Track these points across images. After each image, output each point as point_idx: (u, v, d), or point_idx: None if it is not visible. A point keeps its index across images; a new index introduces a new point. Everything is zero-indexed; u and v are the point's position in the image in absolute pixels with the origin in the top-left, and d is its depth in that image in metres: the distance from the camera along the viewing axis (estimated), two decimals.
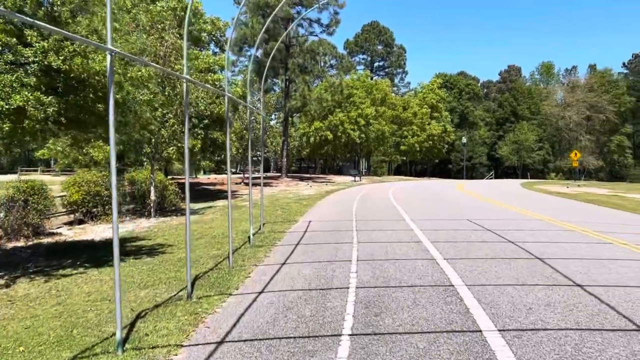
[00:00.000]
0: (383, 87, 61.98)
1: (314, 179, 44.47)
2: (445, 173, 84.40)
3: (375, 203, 20.50)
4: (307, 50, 38.46)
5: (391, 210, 17.18)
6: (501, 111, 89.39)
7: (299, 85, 38.44)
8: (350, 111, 53.00)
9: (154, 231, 13.64)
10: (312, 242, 10.80)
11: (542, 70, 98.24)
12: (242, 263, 8.75)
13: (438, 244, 10.15)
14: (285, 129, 42.23)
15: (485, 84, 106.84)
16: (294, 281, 7.36)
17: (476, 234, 11.50)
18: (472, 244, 10.25)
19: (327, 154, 59.03)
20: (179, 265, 8.80)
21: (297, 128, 57.09)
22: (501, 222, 13.65)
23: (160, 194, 19.51)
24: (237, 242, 10.96)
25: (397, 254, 9.19)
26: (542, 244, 10.17)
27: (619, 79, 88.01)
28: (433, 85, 76.64)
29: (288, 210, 17.83)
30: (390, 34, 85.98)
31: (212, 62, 22.33)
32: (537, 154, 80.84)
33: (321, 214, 16.40)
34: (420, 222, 13.72)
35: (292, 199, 23.05)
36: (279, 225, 13.62)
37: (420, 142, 68.70)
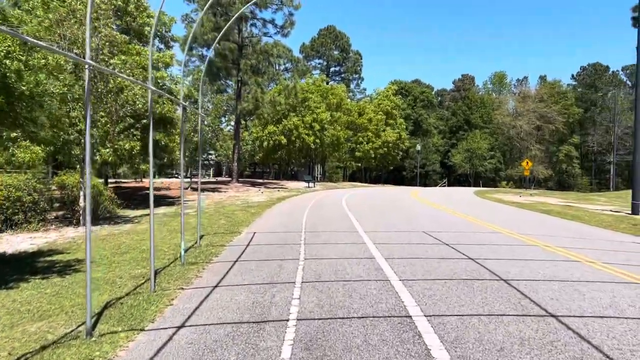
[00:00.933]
0: (339, 92, 61.32)
1: (267, 185, 43.15)
2: (399, 180, 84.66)
3: (328, 212, 19.47)
4: (261, 51, 37.16)
5: (344, 220, 16.17)
6: (454, 119, 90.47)
7: (252, 87, 37.03)
8: (305, 115, 51.97)
9: (78, 243, 12.12)
10: (253, 258, 9.61)
11: (494, 80, 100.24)
12: (167, 285, 7.47)
13: (393, 261, 9.16)
14: (236, 132, 40.70)
15: (440, 92, 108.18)
16: (224, 311, 6.17)
17: (433, 249, 10.58)
18: (429, 261, 9.30)
19: (281, 159, 57.79)
20: (93, 287, 7.44)
21: (250, 132, 55.65)
22: (459, 235, 12.83)
23: (94, 200, 17.84)
24: (168, 257, 9.65)
25: (348, 274, 8.13)
26: (505, 261, 9.33)
27: (568, 91, 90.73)
28: (388, 92, 76.70)
29: (233, 219, 16.54)
30: (346, 39, 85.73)
31: (155, 59, 20.87)
32: (489, 162, 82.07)
33: (268, 224, 15.20)
34: (374, 234, 12.74)
35: (239, 207, 21.73)
36: (219, 237, 12.34)
37: (375, 149, 68.48)
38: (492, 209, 23.01)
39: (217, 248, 10.68)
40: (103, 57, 14.72)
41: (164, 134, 20.95)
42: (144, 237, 12.51)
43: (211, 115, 31.50)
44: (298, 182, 53.52)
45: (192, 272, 8.39)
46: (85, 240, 10.05)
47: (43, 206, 15.09)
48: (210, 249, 10.57)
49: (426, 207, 23.06)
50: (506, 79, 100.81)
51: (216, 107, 31.97)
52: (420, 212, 20.06)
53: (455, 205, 24.44)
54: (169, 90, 20.93)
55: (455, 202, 27.35)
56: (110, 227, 15.00)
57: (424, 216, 18.09)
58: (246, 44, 38.47)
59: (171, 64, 21.38)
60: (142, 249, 10.75)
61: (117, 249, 10.90)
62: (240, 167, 59.91)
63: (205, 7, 11.13)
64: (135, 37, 22.17)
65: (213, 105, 32.15)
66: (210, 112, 31.64)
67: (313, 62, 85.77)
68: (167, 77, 21.07)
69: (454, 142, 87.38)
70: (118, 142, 17.96)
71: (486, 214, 19.74)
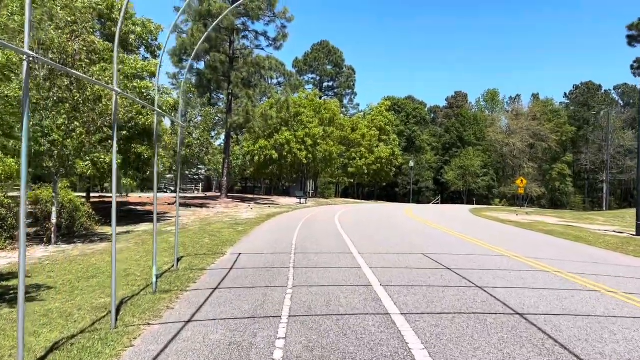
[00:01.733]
0: (332, 106, 60.52)
1: (257, 201, 42.03)
2: (392, 196, 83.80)
3: (320, 230, 18.42)
4: (252, 64, 36.26)
5: (337, 240, 15.13)
6: (448, 136, 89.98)
7: (242, 100, 36.11)
8: (297, 130, 51.03)
9: (44, 264, 10.99)
10: (235, 285, 8.55)
11: (487, 97, 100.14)
12: (131, 320, 6.40)
13: (392, 289, 8.15)
14: (226, 146, 39.64)
15: (433, 108, 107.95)
16: (194, 355, 5.12)
17: (436, 275, 9.57)
18: (433, 289, 8.30)
19: (272, 174, 56.71)
20: (44, 321, 6.37)
21: (241, 146, 54.58)
22: (461, 258, 11.83)
23: (69, 216, 16.72)
24: (139, 284, 8.56)
25: (342, 306, 7.10)
26: (517, 290, 8.34)
27: (561, 109, 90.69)
28: (381, 108, 76.07)
29: (218, 238, 15.43)
30: (340, 54, 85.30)
31: (140, 68, 19.92)
32: (482, 180, 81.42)
33: (256, 244, 14.12)
34: (369, 257, 11.72)
35: (226, 224, 20.62)
36: (200, 259, 11.25)
37: (368, 165, 67.61)
38: (491, 229, 22.07)
39: (196, 272, 9.60)
40: (80, 64, 13.71)
41: (147, 147, 19.90)
42: (118, 257, 11.40)
43: (200, 128, 30.49)
44: (290, 198, 52.45)
45: (164, 302, 7.32)
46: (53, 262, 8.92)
47: (11, 222, 13.96)
48: (188, 273, 9.49)
49: (422, 225, 22.08)
50: (499, 96, 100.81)
51: (205, 120, 30.94)
52: (417, 231, 19.07)
53: (452, 224, 23.48)
54: (153, 100, 19.89)
55: (451, 221, 26.40)
56: (83, 246, 13.88)
57: (421, 236, 17.09)
58: (237, 56, 37.62)
59: (156, 73, 20.37)
60: (110, 273, 9.65)
61: (84, 272, 9.79)
62: (231, 182, 58.81)
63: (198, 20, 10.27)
64: (120, 44, 21.21)
65: (202, 118, 31.14)
66: (199, 125, 30.63)
67: (306, 76, 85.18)
68: (153, 87, 20.07)
69: (447, 159, 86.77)
70: (97, 155, 16.93)
71: (485, 234, 18.78)
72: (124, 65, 19.29)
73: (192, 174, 61.12)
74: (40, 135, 13.26)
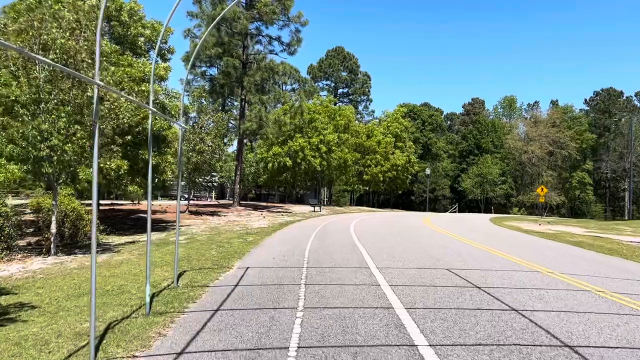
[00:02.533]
0: (347, 113, 59.54)
1: (270, 209, 41.13)
2: (407, 205, 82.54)
3: (335, 241, 17.43)
4: (266, 69, 35.48)
5: (353, 252, 14.13)
6: (465, 144, 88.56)
7: (255, 105, 35.33)
8: (311, 137, 50.12)
9: (36, 278, 10.17)
10: (239, 305, 7.62)
11: (504, 104, 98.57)
12: (115, 351, 5.50)
13: (417, 313, 7.16)
14: (239, 152, 38.86)
15: (449, 115, 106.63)
16: None
17: (465, 295, 8.55)
18: (463, 313, 7.29)
19: (286, 182, 55.81)
20: (13, 352, 5.50)
21: (255, 153, 53.77)
22: (490, 275, 10.77)
23: (72, 225, 15.96)
24: (132, 304, 7.67)
25: (361, 334, 6.13)
26: (559, 315, 7.30)
27: (581, 116, 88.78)
28: (397, 114, 74.91)
29: (226, 249, 14.52)
30: (355, 60, 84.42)
31: (148, 71, 19.20)
32: (500, 188, 79.84)
33: (265, 257, 13.17)
34: (388, 272, 10.72)
35: (236, 234, 19.73)
36: (204, 274, 10.33)
37: (384, 172, 66.41)
38: (516, 240, 20.90)
39: (197, 290, 8.68)
40: (82, 65, 12.96)
41: (155, 153, 19.12)
42: (116, 272, 10.55)
43: (211, 134, 29.72)
44: (303, 205, 51.50)
45: (156, 327, 6.41)
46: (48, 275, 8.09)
47: (9, 232, 13.20)
48: (188, 291, 8.57)
49: (443, 236, 20.98)
50: (516, 103, 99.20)
51: (217, 126, 30.16)
52: (437, 243, 17.98)
53: (474, 235, 22.33)
54: (162, 105, 19.17)
55: (473, 231, 25.22)
56: (83, 258, 13.06)
57: (443, 248, 16.01)
58: (250, 61, 36.89)
59: (166, 77, 19.68)
60: (106, 289, 8.78)
61: (76, 288, 8.93)
62: (244, 189, 58.10)
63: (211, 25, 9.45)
64: (129, 48, 20.56)
65: (214, 124, 30.37)
66: (210, 131, 29.87)
67: (321, 83, 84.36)
68: (162, 90, 19.34)
69: (464, 167, 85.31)
70: (101, 160, 16.18)
71: (511, 246, 17.64)
72: (132, 68, 18.57)
73: (205, 182, 60.54)
74: (39, 140, 12.50)
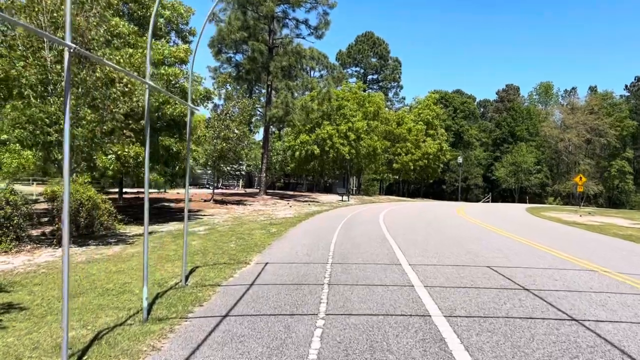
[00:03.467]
0: (376, 100, 57.98)
1: (297, 198, 40.20)
2: (438, 194, 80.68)
3: (363, 233, 16.33)
4: (292, 53, 34.33)
5: (382, 246, 13.02)
6: (498, 131, 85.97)
7: (282, 91, 34.26)
8: (340, 124, 48.86)
9: (38, 273, 9.39)
10: (251, 311, 6.62)
11: (540, 91, 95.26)
12: None
13: (458, 323, 6.05)
14: (265, 140, 37.93)
15: (482, 102, 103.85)
16: None
17: (512, 300, 7.38)
18: (513, 323, 6.14)
19: (314, 171, 54.77)
20: None
21: (283, 141, 52.83)
22: (538, 274, 9.54)
23: (88, 215, 15.25)
24: (130, 307, 6.75)
25: (393, 351, 5.08)
26: (632, 327, 6.10)
27: (621, 102, 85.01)
28: (429, 101, 72.81)
29: (246, 241, 13.56)
30: (385, 46, 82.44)
31: (168, 54, 18.36)
32: (535, 177, 77.23)
33: (287, 250, 12.17)
34: (422, 270, 9.59)
35: (259, 224, 18.80)
36: (217, 270, 9.38)
37: (415, 161, 64.69)
38: (558, 233, 19.45)
39: (207, 290, 7.72)
40: (92, 45, 12.11)
41: (175, 140, 18.29)
42: (123, 267, 9.69)
43: (236, 121, 28.83)
44: (332, 195, 50.42)
45: (151, 338, 5.46)
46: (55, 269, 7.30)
47: (17, 222, 12.51)
48: (196, 291, 7.62)
49: (479, 228, 19.67)
50: (553, 89, 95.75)
51: (242, 112, 29.25)
52: (474, 235, 16.70)
53: (512, 227, 20.92)
54: (183, 89, 18.30)
55: (510, 222, 23.77)
56: (94, 250, 12.29)
57: (481, 242, 14.75)
58: (277, 45, 35.77)
59: (186, 59, 18.78)
60: (106, 287, 7.91)
61: (75, 286, 8.08)
62: (271, 178, 57.31)
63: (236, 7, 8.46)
64: (147, 29, 19.73)
65: (239, 110, 29.46)
66: (235, 118, 28.98)
67: (350, 69, 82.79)
68: (183, 74, 18.47)
69: (498, 155, 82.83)
70: (118, 147, 15.41)
71: (554, 240, 16.25)
72: (152, 51, 17.74)
73: (233, 170, 60.07)
74: (47, 123, 11.73)
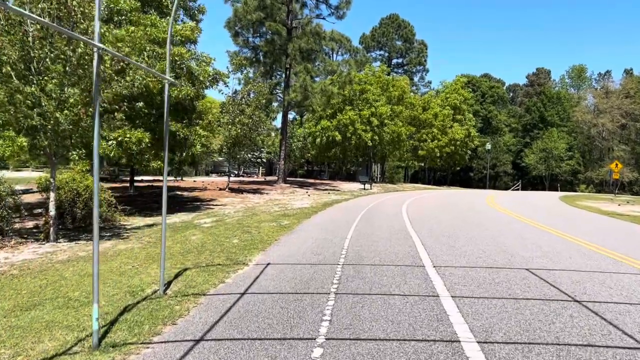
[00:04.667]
0: (401, 84, 55.88)
1: (317, 186, 38.81)
2: (465, 182, 78.40)
3: (382, 226, 14.84)
4: (312, 34, 32.73)
5: (404, 243, 11.52)
6: (528, 117, 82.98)
7: (301, 74, 32.76)
8: (362, 109, 47.14)
9: (7, 275, 8.24)
10: (234, 332, 5.25)
11: (572, 74, 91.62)
12: None
13: (496, 352, 4.61)
14: (283, 126, 36.53)
15: (512, 87, 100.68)
16: None
17: (562, 316, 5.88)
18: (568, 352, 4.67)
19: (336, 158, 53.20)
20: None
21: (303, 127, 51.31)
22: (588, 279, 7.97)
23: (85, 205, 14.18)
24: (89, 325, 5.47)
25: None
26: None
27: None
28: (457, 85, 70.19)
29: (252, 236, 12.21)
30: (410, 28, 79.95)
31: (173, 32, 17.05)
32: (566, 164, 74.29)
33: (295, 248, 10.78)
34: (450, 274, 8.12)
35: (272, 215, 17.47)
36: (209, 273, 8.06)
37: (441, 147, 62.41)
38: (599, 225, 17.67)
39: (187, 301, 6.40)
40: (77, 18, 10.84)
41: (182, 125, 17.06)
42: (102, 268, 8.44)
43: (252, 105, 27.52)
44: (354, 183, 48.89)
45: None
46: None
47: (2, 214, 11.46)
48: (175, 303, 6.31)
49: (512, 220, 17.99)
50: (586, 72, 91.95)
51: (258, 97, 27.86)
52: (507, 229, 15.05)
53: (548, 218, 19.16)
54: (189, 69, 17.01)
55: (546, 213, 21.93)
56: (82, 246, 11.15)
57: (515, 237, 13.13)
58: (295, 26, 34.22)
59: (193, 38, 17.49)
60: (70, 296, 6.67)
61: (34, 295, 6.86)
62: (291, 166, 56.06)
63: None
64: (155, 7, 18.52)
65: (255, 95, 28.09)
66: (251, 103, 27.67)
67: (374, 53, 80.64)
68: (190, 54, 17.20)
69: (528, 142, 79.96)
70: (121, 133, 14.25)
71: (598, 234, 14.52)
72: (156, 29, 16.48)
73: (254, 157, 59.06)
74: (29, 105, 10.55)
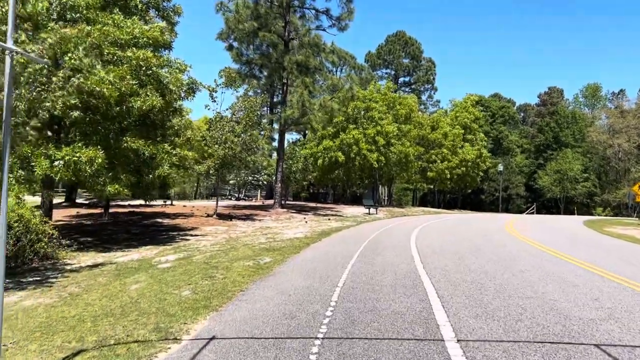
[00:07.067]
0: (409, 102, 53.10)
1: (318, 211, 35.82)
2: (477, 205, 75.18)
3: (385, 267, 11.82)
4: (310, 45, 30.17)
5: (412, 295, 8.55)
6: (541, 137, 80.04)
7: (298, 89, 30.15)
8: (367, 128, 44.38)
9: None
10: None
11: (587, 93, 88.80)
12: None
13: None
14: (280, 145, 33.82)
15: (522, 107, 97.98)
16: None
17: None
18: None
19: (339, 180, 50.29)
20: None
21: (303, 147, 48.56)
22: None
23: (17, 240, 11.42)
24: None
25: None
26: None
27: None
28: (467, 103, 67.36)
29: (211, 285, 9.24)
30: (417, 46, 77.65)
31: (139, 33, 14.52)
32: (582, 186, 71.07)
33: (263, 305, 7.84)
34: (484, 357, 5.20)
35: (254, 250, 14.51)
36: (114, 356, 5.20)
37: (451, 168, 59.27)
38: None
39: None
40: None
41: (147, 143, 14.37)
42: None
43: (242, 122, 24.89)
44: (359, 207, 45.80)
45: None
46: None
47: None
48: None
49: (545, 256, 14.85)
50: (601, 91, 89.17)
51: (248, 113, 25.14)
52: (547, 272, 11.82)
53: (587, 252, 15.95)
54: (157, 77, 14.40)
55: (581, 245, 18.55)
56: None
57: (562, 284, 10.07)
58: (292, 37, 31.66)
59: (163, 40, 14.94)
60: None
61: None
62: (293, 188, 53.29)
63: None
64: (119, 5, 16.01)
65: (244, 111, 25.39)
66: (241, 120, 25.04)
67: (380, 71, 78.26)
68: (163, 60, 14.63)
69: (541, 163, 76.87)
70: (68, 151, 11.59)
71: None
72: (118, 29, 13.93)
73: (255, 180, 56.39)
74: None
